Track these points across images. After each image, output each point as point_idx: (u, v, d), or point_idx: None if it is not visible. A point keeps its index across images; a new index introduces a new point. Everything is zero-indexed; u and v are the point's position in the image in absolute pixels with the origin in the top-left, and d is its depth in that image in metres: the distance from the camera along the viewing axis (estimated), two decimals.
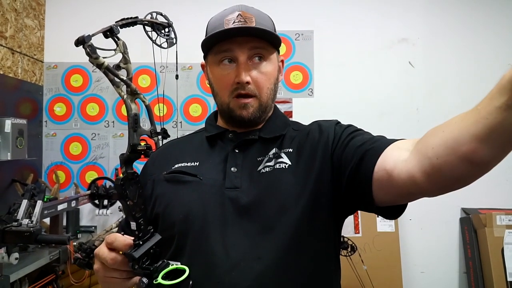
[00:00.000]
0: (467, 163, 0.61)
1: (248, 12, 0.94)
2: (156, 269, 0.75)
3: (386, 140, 0.84)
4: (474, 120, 0.59)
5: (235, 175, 0.92)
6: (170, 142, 1.17)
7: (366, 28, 2.96)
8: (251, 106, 0.94)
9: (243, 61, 0.92)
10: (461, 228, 2.90)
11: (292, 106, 2.94)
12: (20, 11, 2.61)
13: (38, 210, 1.59)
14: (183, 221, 0.90)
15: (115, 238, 0.79)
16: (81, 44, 1.43)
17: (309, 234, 0.88)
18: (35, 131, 2.82)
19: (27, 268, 2.02)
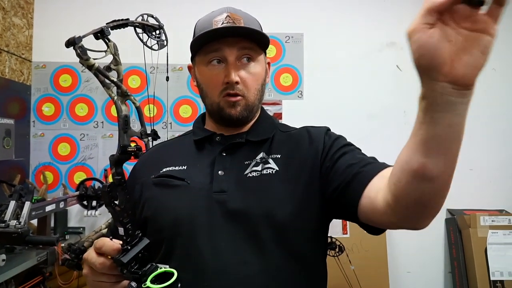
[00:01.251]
0: (421, 180, 0.64)
1: (236, 13, 0.96)
2: (145, 273, 0.76)
3: (376, 165, 0.86)
4: (413, 139, 0.63)
5: (222, 178, 0.92)
6: (159, 145, 1.18)
7: (356, 32, 2.99)
8: (238, 104, 0.95)
9: (232, 61, 0.93)
10: (447, 228, 2.96)
11: (281, 108, 2.96)
12: (8, 9, 2.59)
13: (26, 211, 1.58)
14: (171, 225, 0.91)
15: (103, 243, 0.79)
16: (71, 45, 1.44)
17: (296, 239, 0.89)
18: (23, 131, 2.79)
19: (14, 269, 2.00)
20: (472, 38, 0.51)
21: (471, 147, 2.96)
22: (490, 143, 3.00)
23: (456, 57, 0.52)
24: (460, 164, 2.58)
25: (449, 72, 0.53)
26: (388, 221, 0.77)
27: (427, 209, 0.70)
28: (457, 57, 0.52)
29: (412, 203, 0.68)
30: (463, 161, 2.80)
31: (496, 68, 2.98)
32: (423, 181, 0.64)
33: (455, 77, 0.53)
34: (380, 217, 0.78)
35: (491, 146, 3.00)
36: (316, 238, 0.94)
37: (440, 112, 0.56)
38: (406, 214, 0.72)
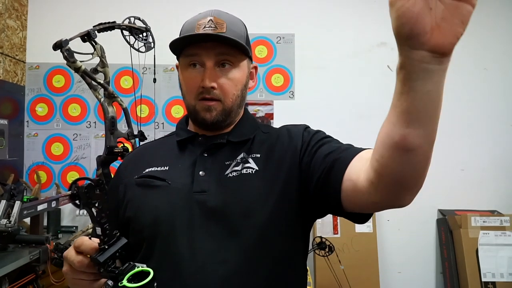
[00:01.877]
0: (403, 151, 0.65)
1: (220, 17, 0.95)
2: (122, 271, 0.78)
3: (353, 149, 0.87)
4: (392, 112, 0.63)
5: (203, 179, 0.93)
6: (143, 146, 1.20)
7: (346, 32, 3.01)
8: (214, 109, 0.95)
9: (209, 66, 0.94)
10: (438, 229, 2.97)
11: (273, 108, 2.98)
12: (2, 12, 2.61)
13: (16, 210, 1.60)
14: (151, 225, 0.92)
15: (82, 242, 0.81)
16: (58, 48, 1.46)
17: (275, 238, 0.90)
18: (17, 131, 2.82)
19: (6, 267, 2.02)
20: (453, 6, 0.52)
21: (462, 147, 2.99)
22: (482, 144, 3.01)
23: (436, 25, 0.53)
24: (451, 164, 2.64)
25: (428, 40, 0.53)
26: (372, 202, 0.78)
27: (410, 183, 0.71)
28: (436, 26, 0.53)
29: (394, 178, 0.69)
30: (454, 161, 2.84)
31: (487, 67, 3.00)
32: (405, 153, 0.65)
33: (434, 45, 0.54)
34: (364, 199, 0.78)
35: (482, 147, 3.01)
36: (295, 236, 0.95)
37: (418, 80, 0.57)
38: (389, 191, 0.72)
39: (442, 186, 2.98)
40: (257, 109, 2.97)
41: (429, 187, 2.92)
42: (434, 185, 2.96)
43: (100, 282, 0.84)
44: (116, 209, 1.00)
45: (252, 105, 2.97)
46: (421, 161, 0.67)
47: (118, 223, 0.99)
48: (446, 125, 2.97)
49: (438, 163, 2.89)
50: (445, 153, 2.97)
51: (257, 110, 2.97)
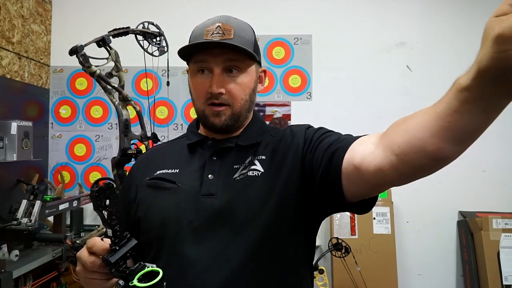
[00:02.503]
0: (432, 160, 0.65)
1: (228, 23, 0.96)
2: (132, 272, 0.81)
3: (352, 137, 0.88)
4: (435, 122, 0.62)
5: (211, 182, 0.96)
6: (155, 148, 1.23)
7: (364, 32, 2.99)
8: (223, 114, 0.97)
9: (217, 72, 0.96)
10: (458, 231, 2.92)
11: (290, 109, 2.98)
12: (27, 17, 2.71)
13: (36, 209, 1.67)
14: (160, 225, 0.95)
15: (94, 243, 0.84)
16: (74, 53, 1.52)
17: (277, 238, 0.92)
18: (41, 132, 2.92)
19: (30, 264, 2.10)
20: None
21: (484, 148, 2.91)
22: (504, 144, 2.94)
23: None
24: (473, 165, 2.60)
25: None
26: (375, 183, 0.79)
27: (426, 175, 0.72)
28: None
29: (413, 171, 0.70)
30: (476, 162, 2.79)
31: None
32: (434, 161, 0.65)
33: None
34: (368, 180, 0.79)
35: (505, 148, 2.94)
36: (298, 236, 0.97)
37: (482, 108, 0.55)
38: (400, 178, 0.74)
39: (463, 187, 2.93)
40: (274, 110, 2.99)
41: (450, 188, 2.90)
42: (455, 187, 2.92)
43: (112, 282, 0.88)
44: (128, 208, 1.04)
45: (269, 106, 2.99)
46: (447, 163, 0.68)
47: (129, 222, 1.03)
48: None
49: (459, 164, 2.84)
50: (466, 154, 2.87)
51: (275, 111, 2.99)
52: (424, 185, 2.89)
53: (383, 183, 0.78)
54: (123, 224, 1.04)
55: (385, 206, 2.86)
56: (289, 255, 0.95)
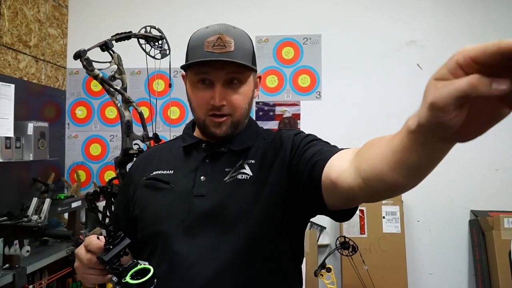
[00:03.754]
0: (391, 187, 0.69)
1: (228, 35, 0.98)
2: (125, 269, 0.87)
3: (334, 150, 0.90)
4: (391, 155, 0.64)
5: (203, 183, 1.00)
6: (153, 148, 1.29)
7: (374, 31, 2.98)
8: (224, 124, 1.01)
9: (219, 85, 0.98)
10: (470, 230, 2.88)
11: (300, 108, 3.00)
12: (43, 21, 2.81)
13: (46, 207, 1.74)
14: (154, 224, 1.00)
15: (90, 241, 0.91)
16: (78, 58, 1.58)
17: (264, 239, 0.96)
18: (58, 133, 3.03)
19: (43, 260, 2.20)
20: (495, 108, 0.46)
21: (497, 147, 2.88)
22: None
23: (467, 123, 0.48)
24: (485, 164, 2.60)
25: (453, 136, 0.50)
26: (348, 199, 0.83)
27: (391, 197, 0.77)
28: (467, 123, 0.48)
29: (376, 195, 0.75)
30: (488, 161, 2.78)
31: None
32: (394, 188, 0.69)
33: (457, 139, 0.51)
34: (342, 196, 0.82)
35: None
36: (284, 237, 1.01)
37: (428, 149, 0.57)
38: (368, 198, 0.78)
39: (476, 186, 2.89)
40: (284, 109, 3.01)
41: (462, 187, 2.87)
42: (467, 186, 2.89)
43: (108, 277, 0.94)
44: (127, 206, 1.09)
45: (279, 105, 3.02)
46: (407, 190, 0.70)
47: (128, 219, 1.08)
48: None
49: (472, 163, 2.84)
50: (479, 152, 2.88)
51: (284, 111, 3.01)
52: (436, 184, 2.88)
53: (355, 199, 0.82)
54: (122, 221, 1.10)
55: (394, 205, 2.85)
56: (275, 256, 0.99)
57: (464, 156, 2.89)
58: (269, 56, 3.02)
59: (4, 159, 2.37)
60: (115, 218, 1.14)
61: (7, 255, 1.85)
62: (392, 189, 0.69)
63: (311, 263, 2.67)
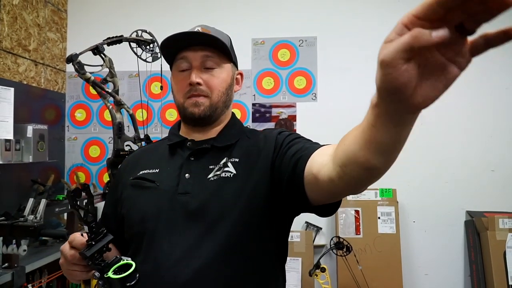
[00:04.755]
0: (365, 170, 0.70)
1: (205, 28, 1.08)
2: (108, 264, 0.89)
3: (316, 146, 0.93)
4: (361, 135, 0.67)
5: (187, 181, 1.03)
6: (140, 149, 1.32)
7: (369, 33, 2.99)
8: (202, 104, 1.06)
9: (196, 65, 1.05)
10: (466, 231, 2.89)
11: (296, 110, 3.03)
12: (43, 25, 2.87)
13: (42, 207, 1.79)
14: (139, 222, 1.04)
15: (74, 238, 0.93)
16: (70, 61, 1.63)
17: (247, 237, 0.98)
18: (58, 135, 3.08)
19: (42, 260, 2.24)
20: (442, 67, 0.49)
21: (493, 148, 2.89)
22: None
23: (419, 85, 0.50)
24: (481, 165, 2.62)
25: (407, 100, 0.51)
26: (331, 192, 0.85)
27: (368, 183, 0.78)
28: (419, 86, 0.50)
29: (355, 182, 0.76)
30: (484, 162, 2.81)
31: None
32: (367, 170, 0.71)
33: (412, 105, 0.52)
34: (325, 189, 0.84)
35: None
36: (266, 235, 1.03)
37: (392, 123, 0.59)
38: (348, 188, 0.80)
39: (471, 187, 2.90)
40: (280, 111, 3.04)
41: (458, 188, 2.88)
42: (463, 186, 2.89)
43: (91, 273, 0.96)
44: (115, 205, 1.13)
45: (275, 107, 3.04)
46: (382, 173, 0.72)
47: (116, 218, 1.11)
48: (477, 126, 2.89)
49: (468, 164, 2.85)
50: (475, 153, 2.89)
51: (280, 112, 3.04)
52: (431, 185, 2.90)
53: (336, 192, 0.84)
54: (111, 220, 1.13)
55: (390, 205, 2.87)
56: (259, 254, 1.02)
57: (460, 157, 2.91)
58: (265, 58, 3.05)
59: (4, 161, 2.42)
60: (104, 217, 1.17)
61: (6, 254, 1.90)
62: (366, 172, 0.71)
63: (307, 264, 2.70)
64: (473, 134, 2.92)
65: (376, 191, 2.91)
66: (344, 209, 2.88)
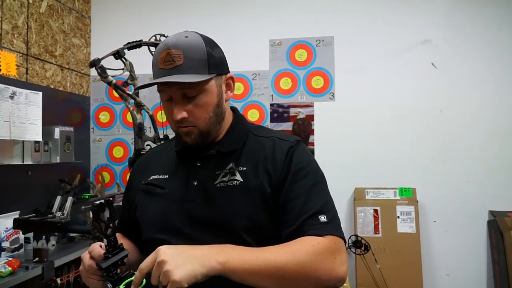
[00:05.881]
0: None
1: (176, 47, 0.97)
2: (120, 278, 0.93)
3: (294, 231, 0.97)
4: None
5: (195, 188, 1.05)
6: (150, 151, 1.35)
7: (387, 31, 2.99)
8: (191, 133, 1.03)
9: (176, 100, 1.00)
10: (489, 231, 2.85)
11: (313, 110, 3.05)
12: (67, 32, 2.99)
13: (68, 205, 1.88)
14: (150, 229, 1.08)
15: (93, 248, 0.96)
16: (93, 66, 1.70)
17: (255, 244, 0.98)
18: (84, 137, 3.20)
19: (69, 255, 2.35)
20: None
21: None
22: None
23: None
24: (504, 163, 2.61)
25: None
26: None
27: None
28: None
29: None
30: (507, 160, 2.78)
31: None
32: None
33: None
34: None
35: None
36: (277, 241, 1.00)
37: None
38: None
39: (494, 186, 2.85)
40: (297, 111, 3.07)
41: (480, 187, 2.86)
42: (485, 186, 2.86)
43: (105, 284, 0.98)
44: (129, 207, 1.18)
45: (293, 107, 3.08)
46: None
47: (131, 219, 1.16)
48: (499, 124, 2.84)
49: (490, 163, 2.82)
50: (497, 152, 2.85)
51: (298, 112, 3.07)
52: (453, 184, 2.87)
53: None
54: (127, 222, 1.18)
55: (409, 205, 2.85)
56: None
57: (482, 156, 2.87)
58: (282, 59, 3.09)
59: (34, 162, 2.54)
60: (120, 219, 1.21)
61: (36, 248, 2.01)
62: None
63: None
64: (495, 132, 2.88)
65: (395, 190, 2.91)
66: (363, 208, 2.88)
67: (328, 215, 0.97)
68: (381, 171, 2.97)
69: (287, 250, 0.91)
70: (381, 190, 2.92)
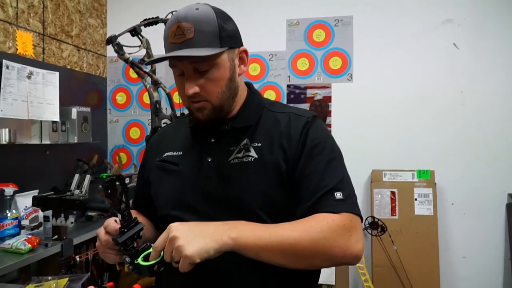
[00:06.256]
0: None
1: (186, 21, 0.95)
2: (138, 251, 0.93)
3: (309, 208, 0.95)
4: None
5: (209, 165, 1.03)
6: (164, 128, 1.32)
7: (408, 11, 2.92)
8: (204, 108, 1.00)
9: (187, 74, 0.98)
10: (507, 214, 2.81)
11: (331, 91, 3.01)
12: (83, 12, 2.98)
13: (86, 183, 1.90)
14: (164, 206, 1.07)
15: (108, 224, 0.95)
16: (109, 43, 1.69)
17: (271, 220, 0.96)
18: (101, 118, 3.22)
19: (88, 234, 2.38)
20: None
21: None
22: None
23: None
24: None
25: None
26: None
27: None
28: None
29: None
30: None
31: None
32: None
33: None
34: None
35: None
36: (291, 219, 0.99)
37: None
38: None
39: None
40: (315, 92, 3.03)
41: (499, 170, 2.80)
42: (504, 168, 2.81)
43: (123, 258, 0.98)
44: (144, 184, 1.17)
45: (310, 88, 3.04)
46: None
47: (145, 197, 1.15)
48: None
49: (510, 146, 2.74)
50: None
51: (315, 93, 3.03)
52: (471, 166, 2.83)
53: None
54: (142, 199, 1.18)
55: (427, 187, 2.82)
56: None
57: (502, 138, 2.81)
58: (300, 39, 3.04)
59: (52, 142, 2.57)
60: (135, 197, 1.22)
61: (55, 226, 2.04)
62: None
63: None
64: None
65: (413, 173, 2.87)
66: (380, 190, 2.86)
67: (344, 192, 0.95)
68: (399, 153, 2.93)
69: (301, 227, 0.90)
70: (399, 172, 2.89)
